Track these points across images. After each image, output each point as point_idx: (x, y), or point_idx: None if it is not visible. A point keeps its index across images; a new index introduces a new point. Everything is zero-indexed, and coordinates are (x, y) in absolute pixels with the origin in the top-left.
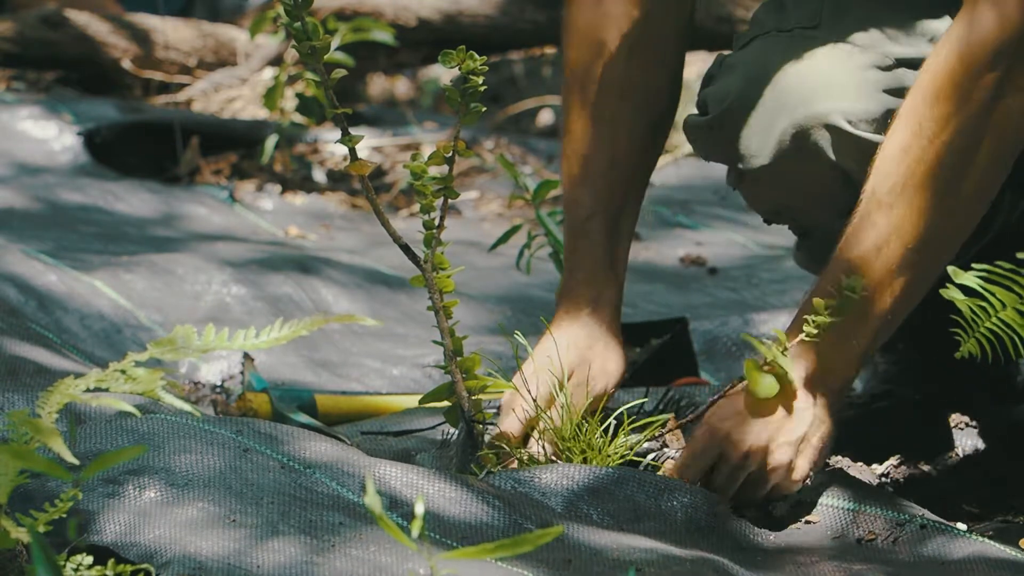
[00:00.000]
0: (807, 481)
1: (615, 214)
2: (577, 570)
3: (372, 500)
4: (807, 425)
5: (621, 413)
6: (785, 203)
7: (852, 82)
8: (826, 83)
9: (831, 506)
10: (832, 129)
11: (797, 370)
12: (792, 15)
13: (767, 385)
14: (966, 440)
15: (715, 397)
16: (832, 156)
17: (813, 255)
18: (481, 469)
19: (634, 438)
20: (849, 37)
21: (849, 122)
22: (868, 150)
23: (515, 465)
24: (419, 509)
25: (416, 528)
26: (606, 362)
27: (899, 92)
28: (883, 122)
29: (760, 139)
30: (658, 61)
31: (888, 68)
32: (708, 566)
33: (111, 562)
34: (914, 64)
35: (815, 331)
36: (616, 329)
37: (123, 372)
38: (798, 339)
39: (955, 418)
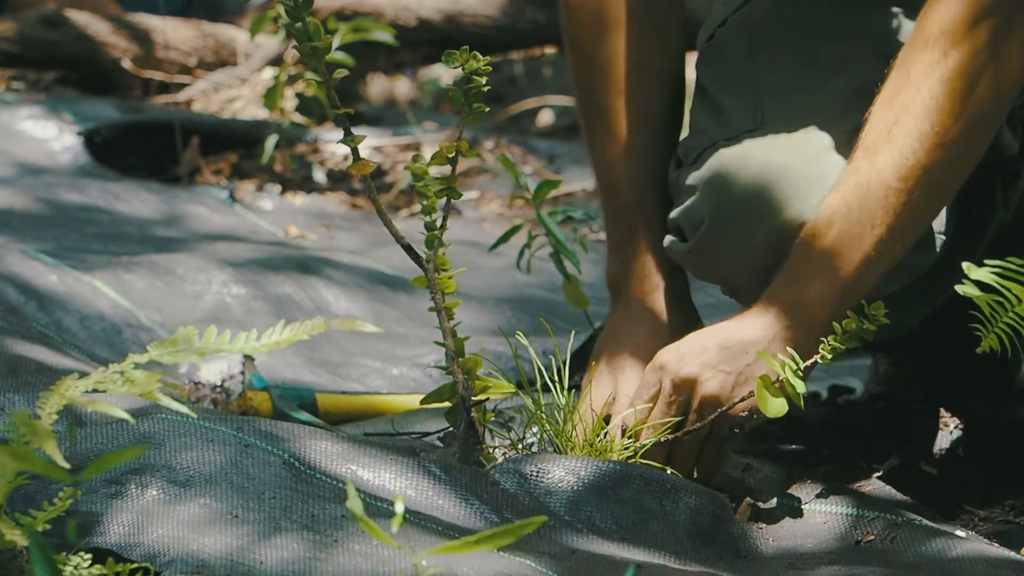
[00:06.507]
0: (746, 417)
1: (664, 188)
2: (580, 561)
3: (353, 503)
4: (750, 358)
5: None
6: None
7: (814, 173)
8: (791, 184)
9: (830, 512)
10: None
11: (763, 301)
12: (732, 118)
13: (778, 406)
14: (966, 440)
15: (723, 409)
16: None
17: None
18: (484, 462)
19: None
20: (795, 127)
21: None
22: None
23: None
24: (399, 508)
25: (395, 523)
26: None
27: None
28: None
29: (742, 257)
30: (664, 38)
31: (840, 146)
32: None
33: (109, 561)
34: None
35: (830, 356)
36: (695, 313)
37: (121, 374)
38: (813, 360)
39: (954, 418)
